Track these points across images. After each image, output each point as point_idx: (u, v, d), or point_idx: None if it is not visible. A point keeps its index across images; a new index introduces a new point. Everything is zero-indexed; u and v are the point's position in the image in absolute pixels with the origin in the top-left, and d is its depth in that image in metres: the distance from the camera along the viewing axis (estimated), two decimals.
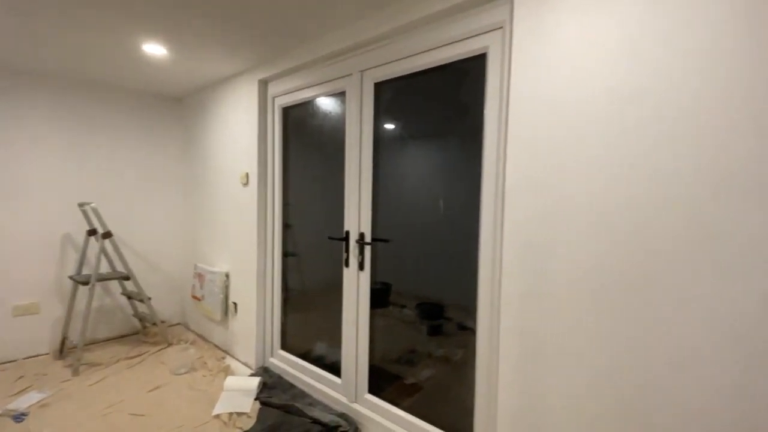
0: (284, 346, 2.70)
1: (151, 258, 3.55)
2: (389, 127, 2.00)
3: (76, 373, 2.69)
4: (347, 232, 2.15)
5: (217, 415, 2.21)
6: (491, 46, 1.56)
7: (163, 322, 3.61)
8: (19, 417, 2.16)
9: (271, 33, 2.10)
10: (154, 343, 3.25)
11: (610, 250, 1.23)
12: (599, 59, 1.24)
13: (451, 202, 1.80)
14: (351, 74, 2.10)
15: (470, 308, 1.70)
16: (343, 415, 2.13)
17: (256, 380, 2.48)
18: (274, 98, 2.63)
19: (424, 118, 1.87)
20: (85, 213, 3.05)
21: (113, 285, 3.36)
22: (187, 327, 3.65)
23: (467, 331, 1.76)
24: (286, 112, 2.60)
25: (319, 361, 2.45)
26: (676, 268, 1.12)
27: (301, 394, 2.38)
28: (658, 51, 1.13)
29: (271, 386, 2.48)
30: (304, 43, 2.24)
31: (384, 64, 1.94)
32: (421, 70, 1.81)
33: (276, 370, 2.67)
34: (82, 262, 3.08)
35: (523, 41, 1.40)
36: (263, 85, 2.66)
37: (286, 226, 2.67)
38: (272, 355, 2.76)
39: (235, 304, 2.94)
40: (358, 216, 2.10)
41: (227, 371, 2.78)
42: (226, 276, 3.01)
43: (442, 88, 1.78)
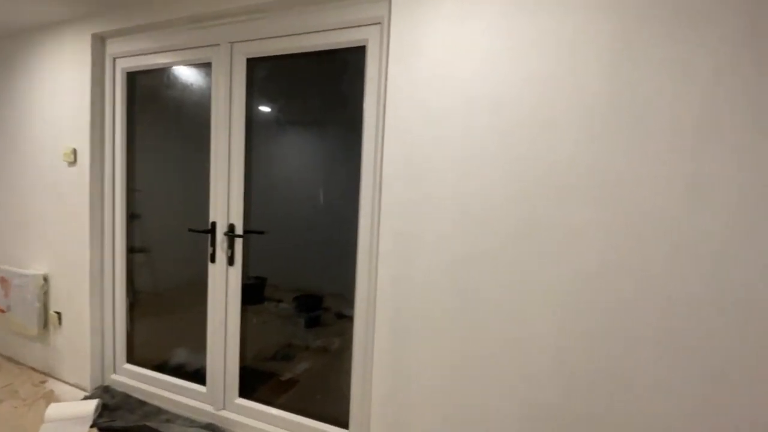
0: (131, 359, 2.29)
1: None
2: (265, 109, 1.85)
3: None
4: (213, 224, 1.93)
5: None
6: (370, 39, 1.58)
7: None
8: None
9: None
10: None
11: (466, 239, 1.39)
12: (465, 69, 1.37)
13: (332, 192, 1.77)
14: (219, 44, 1.86)
15: (349, 297, 1.72)
16: (210, 426, 1.93)
17: (93, 403, 2.04)
18: (114, 59, 2.16)
19: (305, 104, 1.79)
20: None
21: None
22: None
23: (345, 319, 1.77)
24: (133, 78, 2.17)
25: (178, 370, 2.15)
26: (516, 252, 1.33)
27: (156, 412, 2.06)
28: (511, 69, 1.31)
29: (114, 408, 2.08)
30: None
31: (259, 39, 1.78)
32: (301, 52, 1.72)
33: (121, 389, 2.25)
34: None
35: (400, 41, 1.46)
36: (99, 41, 2.16)
37: (132, 217, 2.24)
38: (115, 372, 2.31)
39: (59, 313, 2.36)
40: (227, 205, 1.90)
41: (49, 398, 2.22)
42: (44, 279, 2.38)
43: (325, 75, 1.73)
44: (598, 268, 1.24)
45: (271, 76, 1.84)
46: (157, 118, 2.16)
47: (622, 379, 1.23)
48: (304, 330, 1.91)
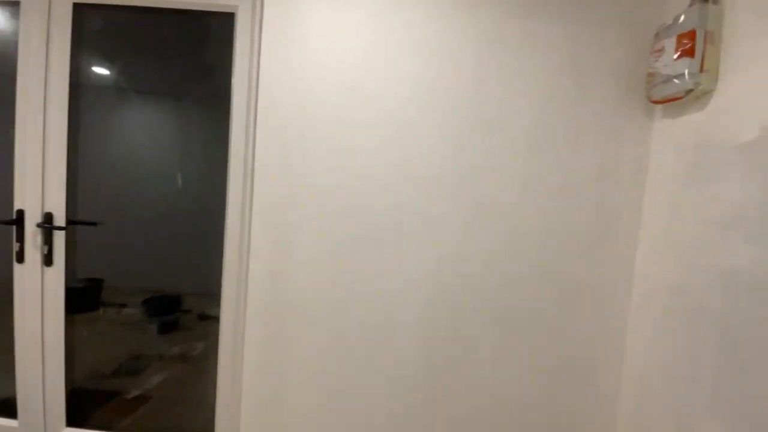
0: None
1: None
2: (101, 72, 1.50)
3: None
4: (20, 212, 1.49)
5: None
6: (241, 7, 1.42)
7: None
8: None
9: None
10: None
11: (347, 229, 1.39)
12: (345, 59, 1.35)
13: (193, 177, 1.55)
14: None
15: (214, 294, 1.55)
16: None
17: None
18: None
19: (159, 72, 1.51)
20: None
21: None
22: None
23: (210, 320, 1.59)
24: None
25: None
26: (390, 240, 1.39)
27: None
28: (387, 65, 1.34)
29: None
30: None
31: None
32: (153, 6, 1.43)
33: None
34: None
35: (277, 17, 1.35)
36: None
37: None
38: None
39: None
40: (41, 189, 1.49)
41: None
42: None
43: (186, 40, 1.48)
44: (456, 252, 1.37)
45: (111, 31, 1.49)
46: None
47: (471, 348, 1.40)
48: (157, 337, 1.65)
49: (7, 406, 1.60)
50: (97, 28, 1.48)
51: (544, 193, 1.35)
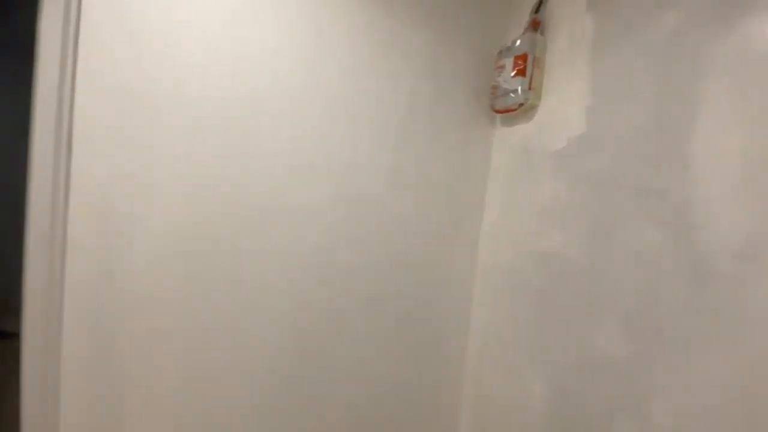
0: None
1: None
2: None
3: None
4: None
5: None
6: None
7: None
8: None
9: None
10: None
11: (202, 219, 1.22)
12: (207, 25, 1.17)
13: None
14: None
15: (7, 306, 1.18)
16: None
17: None
18: None
19: None
20: None
21: None
22: None
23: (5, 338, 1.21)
24: None
25: None
26: (258, 230, 1.28)
27: None
28: (253, 37, 1.22)
29: None
30: None
31: None
32: None
33: None
34: None
35: None
36: None
37: None
38: None
39: None
40: None
41: None
42: None
43: None
44: (329, 242, 1.36)
45: None
46: None
47: (342, 332, 1.41)
48: None
49: None
50: None
51: (409, 185, 1.45)
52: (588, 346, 1.10)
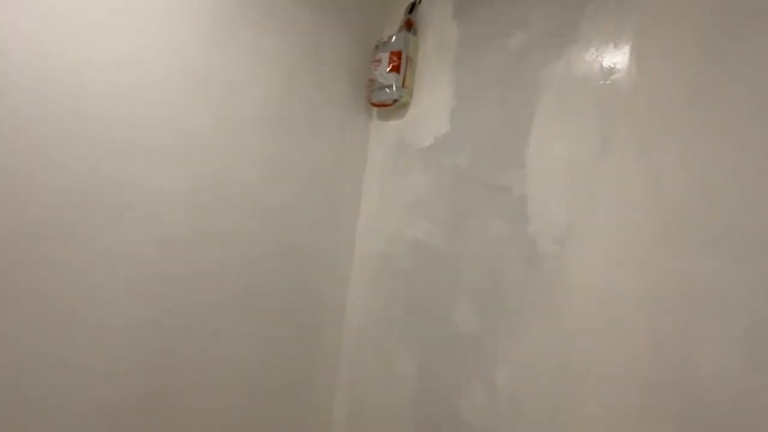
0: None
1: None
2: None
3: None
4: None
5: None
6: None
7: None
8: None
9: None
10: None
11: (29, 206, 0.98)
12: None
13: None
14: None
15: None
16: None
17: None
18: None
19: None
20: None
21: None
22: None
23: None
24: None
25: None
26: (97, 224, 1.08)
27: None
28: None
29: None
30: None
31: None
32: None
33: None
34: None
35: None
36: None
37: None
38: None
39: None
40: None
41: None
42: None
43: None
44: (185, 234, 1.20)
45: None
46: None
47: (213, 337, 1.29)
48: None
49: None
50: None
51: (285, 172, 1.37)
52: (448, 322, 1.24)
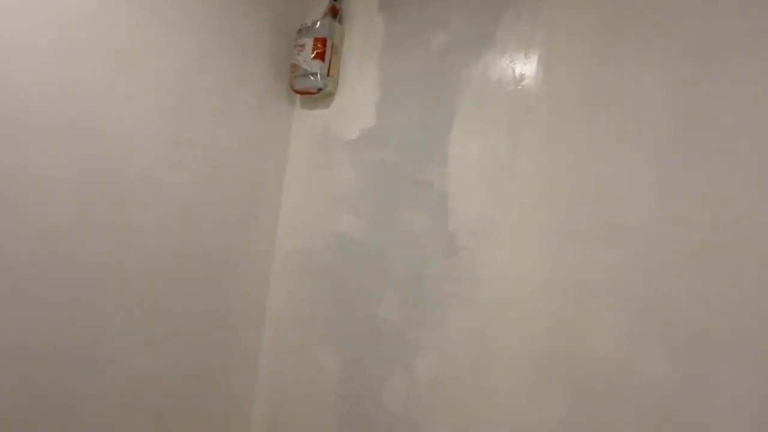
0: None
1: None
2: None
3: None
4: None
5: None
6: None
7: None
8: None
9: None
10: None
11: None
12: None
13: None
14: None
15: None
16: None
17: None
18: None
19: None
20: None
21: None
22: None
23: None
24: None
25: None
26: None
27: None
28: None
29: None
30: None
31: None
32: None
33: None
34: None
35: None
36: None
37: None
38: None
39: None
40: None
41: None
42: None
43: None
44: (70, 231, 1.04)
45: None
46: None
47: (106, 346, 1.13)
48: None
49: None
50: None
51: (191, 159, 1.24)
52: (373, 315, 1.25)
